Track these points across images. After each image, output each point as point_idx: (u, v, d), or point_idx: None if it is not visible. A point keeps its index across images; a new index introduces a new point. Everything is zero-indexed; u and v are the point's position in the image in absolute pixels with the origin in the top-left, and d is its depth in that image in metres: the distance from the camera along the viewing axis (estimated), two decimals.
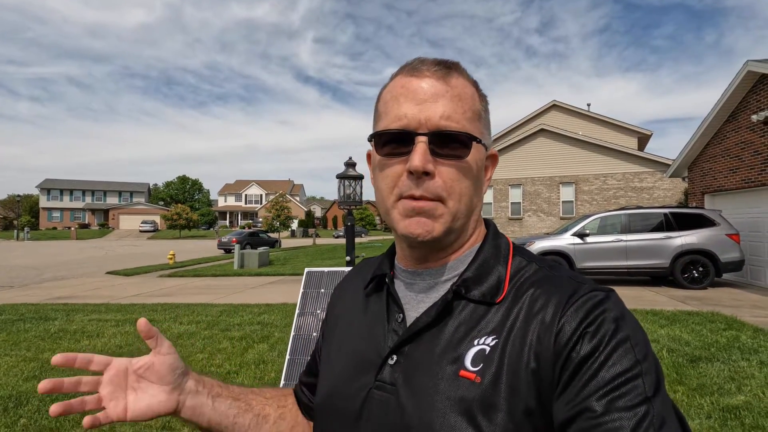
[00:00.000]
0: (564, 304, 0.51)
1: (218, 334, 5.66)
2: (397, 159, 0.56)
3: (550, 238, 10.04)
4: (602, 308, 0.50)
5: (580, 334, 0.49)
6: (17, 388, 3.83)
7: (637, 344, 0.48)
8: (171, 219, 45.77)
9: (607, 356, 0.47)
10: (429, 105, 0.54)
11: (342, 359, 0.64)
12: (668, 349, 4.71)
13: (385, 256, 0.69)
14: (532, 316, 0.52)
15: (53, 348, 5.16)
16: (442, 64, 0.57)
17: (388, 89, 0.59)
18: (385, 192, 0.57)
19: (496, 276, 0.57)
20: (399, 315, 0.60)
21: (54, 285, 11.50)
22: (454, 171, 0.55)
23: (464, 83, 0.58)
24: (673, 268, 9.10)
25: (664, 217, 9.47)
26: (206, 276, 13.10)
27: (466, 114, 0.56)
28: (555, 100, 24.75)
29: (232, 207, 68.31)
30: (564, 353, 0.48)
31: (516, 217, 21.89)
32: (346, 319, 0.69)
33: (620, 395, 0.45)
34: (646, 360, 0.47)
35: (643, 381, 0.46)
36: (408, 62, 0.60)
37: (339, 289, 0.78)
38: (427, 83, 0.55)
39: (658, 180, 18.95)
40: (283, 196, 37.12)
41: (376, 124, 0.60)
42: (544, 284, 0.55)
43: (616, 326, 0.49)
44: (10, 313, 7.32)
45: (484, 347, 0.52)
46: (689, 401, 3.42)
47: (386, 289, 0.64)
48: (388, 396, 0.55)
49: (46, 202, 64.67)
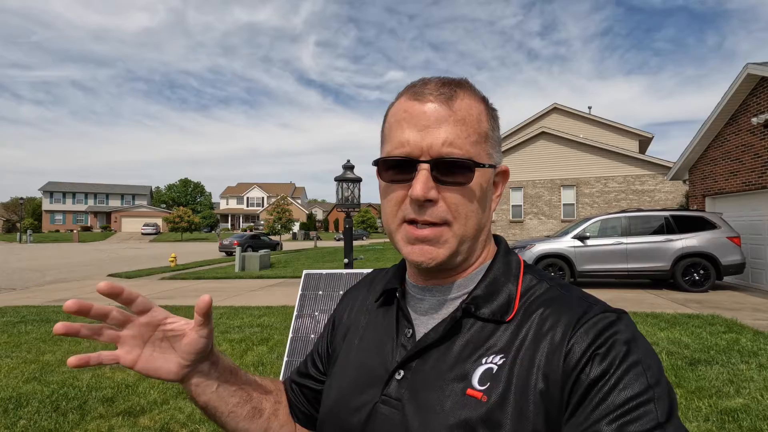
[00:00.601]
0: (574, 325, 0.50)
1: (218, 337, 5.68)
2: (400, 184, 0.56)
3: (551, 241, 10.03)
4: (613, 330, 0.49)
5: (590, 355, 0.48)
6: (17, 390, 3.85)
7: (650, 368, 0.47)
8: (173, 222, 45.90)
9: (618, 379, 0.46)
10: (431, 131, 0.53)
11: (349, 371, 0.64)
12: (667, 352, 4.70)
13: (396, 270, 0.68)
14: (541, 336, 0.51)
15: (54, 350, 5.18)
16: (446, 85, 0.56)
17: (392, 112, 0.59)
18: (390, 216, 0.58)
19: (506, 294, 0.57)
20: (408, 330, 0.60)
21: (56, 287, 11.54)
22: (458, 196, 0.55)
23: (469, 104, 0.56)
24: (673, 271, 9.09)
25: (665, 220, 9.46)
26: (207, 278, 13.13)
27: (470, 138, 0.55)
28: (556, 103, 24.79)
29: (234, 210, 68.45)
30: (573, 375, 0.47)
31: (517, 220, 21.89)
32: (354, 330, 0.69)
33: (631, 420, 0.44)
34: (659, 385, 0.46)
35: (655, 406, 0.44)
36: (413, 83, 0.59)
37: (349, 297, 0.77)
38: (429, 108, 0.54)
39: (659, 183, 18.94)
40: (284, 198, 37.19)
41: (381, 146, 0.60)
42: (554, 304, 0.54)
43: (628, 349, 0.48)
44: (11, 315, 7.35)
45: (492, 366, 0.52)
46: (687, 404, 3.41)
47: (396, 303, 0.64)
48: (393, 411, 0.55)
49: (49, 204, 64.93)
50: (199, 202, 76.19)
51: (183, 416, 3.29)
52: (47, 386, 3.94)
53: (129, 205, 67.14)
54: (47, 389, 3.86)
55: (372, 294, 0.71)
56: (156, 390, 3.81)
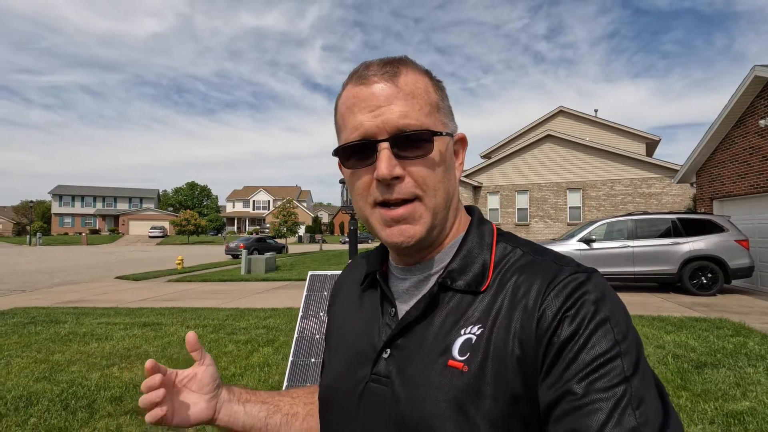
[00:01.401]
0: (545, 289, 0.52)
1: (224, 338, 5.73)
2: (364, 168, 0.56)
3: (556, 244, 9.99)
4: (582, 290, 0.50)
5: (561, 318, 0.49)
6: (28, 389, 3.92)
7: (617, 324, 0.49)
8: (180, 225, 46.24)
9: (587, 338, 0.47)
10: (383, 110, 0.54)
11: (341, 354, 0.66)
12: (674, 355, 4.68)
13: (378, 252, 0.70)
14: (516, 303, 0.53)
15: (63, 350, 5.25)
16: (388, 64, 0.57)
17: (341, 102, 0.59)
18: (360, 202, 0.58)
19: (480, 264, 0.58)
20: (391, 309, 0.62)
21: (64, 289, 11.68)
22: (423, 168, 0.55)
23: (414, 78, 0.57)
24: (681, 274, 9.01)
25: (672, 223, 9.39)
26: (213, 281, 13.21)
27: (423, 110, 0.56)
28: (562, 105, 24.70)
29: (240, 213, 68.79)
30: (546, 338, 0.49)
31: (523, 223, 21.80)
32: (344, 314, 0.71)
33: (599, 377, 0.45)
34: (626, 340, 0.48)
35: (621, 361, 0.46)
36: (355, 69, 0.59)
37: (338, 284, 0.80)
38: (377, 88, 0.55)
39: (667, 186, 18.80)
40: (290, 202, 37.34)
41: (338, 137, 0.61)
42: (527, 270, 0.55)
43: (596, 308, 0.49)
44: (22, 316, 7.46)
45: (470, 336, 0.53)
46: (693, 406, 3.40)
47: (379, 285, 0.65)
48: (383, 388, 0.57)
49: (58, 208, 65.67)
50: (206, 205, 76.68)
51: None
52: (57, 385, 4.00)
53: (136, 208, 67.74)
54: (57, 388, 3.92)
55: (356, 278, 0.73)
56: None
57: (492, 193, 22.63)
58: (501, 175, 22.41)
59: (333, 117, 0.62)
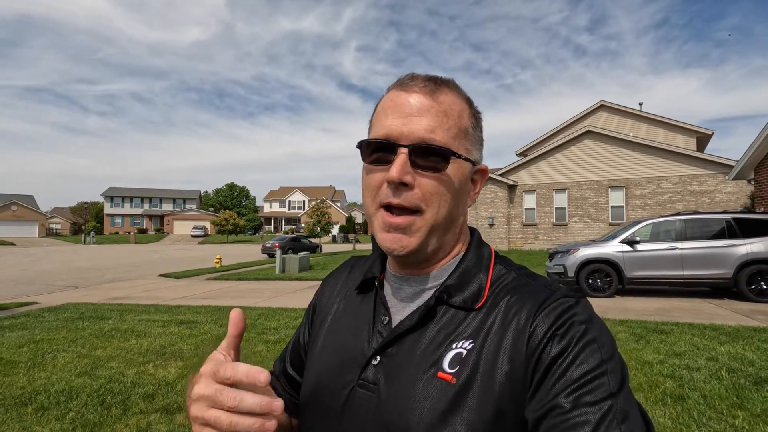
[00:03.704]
0: (536, 310, 0.54)
1: (255, 338, 5.82)
2: (380, 168, 0.58)
3: (597, 245, 9.50)
4: (571, 312, 0.53)
5: (550, 336, 0.51)
6: (70, 383, 4.11)
7: (604, 345, 0.51)
8: (219, 225, 47.97)
9: (575, 356, 0.49)
10: (413, 119, 0.57)
11: (328, 356, 0.66)
12: (728, 369, 4.28)
13: (377, 258, 0.70)
14: (507, 322, 0.55)
15: (105, 346, 5.50)
16: (432, 80, 0.60)
17: (381, 102, 0.62)
18: (368, 199, 0.60)
19: (477, 283, 0.60)
20: (385, 317, 0.62)
21: (112, 286, 12.35)
22: (434, 183, 0.57)
23: (453, 100, 0.59)
24: (736, 279, 8.33)
25: (727, 224, 8.70)
26: (249, 279, 13.56)
27: (451, 131, 0.58)
28: (603, 100, 23.60)
29: (277, 213, 70.59)
30: (535, 355, 0.51)
31: (561, 223, 21.01)
32: (334, 315, 0.70)
33: (587, 392, 0.47)
34: (612, 359, 0.50)
35: (608, 378, 0.48)
36: (402, 77, 0.62)
37: (328, 283, 0.78)
38: (414, 98, 0.58)
39: (720, 183, 17.52)
40: (323, 202, 37.87)
41: (368, 134, 0.63)
42: (519, 291, 0.58)
43: (585, 328, 0.51)
44: (72, 312, 7.92)
45: (461, 350, 0.55)
46: (751, 428, 3.07)
47: (375, 291, 0.66)
48: (370, 394, 0.57)
49: (110, 208, 69.97)
50: (244, 205, 79.20)
51: None
52: (96, 380, 4.18)
53: (180, 208, 71.00)
54: (96, 383, 4.09)
55: (351, 280, 0.73)
56: None
57: (528, 192, 21.94)
58: (538, 173, 21.69)
59: (369, 117, 0.65)
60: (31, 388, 4.00)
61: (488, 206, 22.20)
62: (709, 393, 3.69)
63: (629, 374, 0.52)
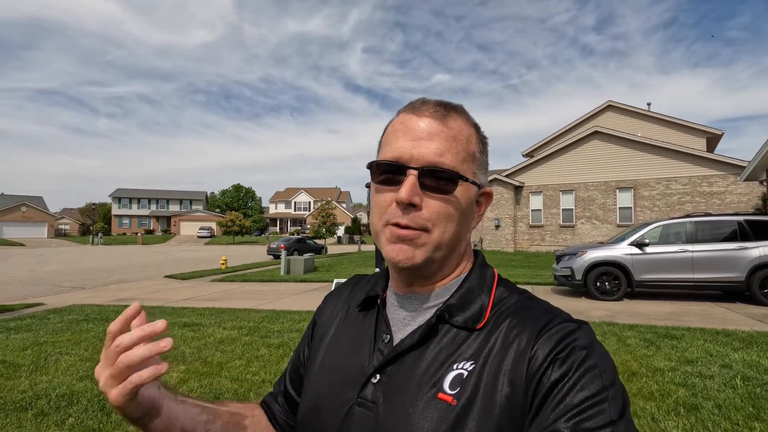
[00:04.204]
0: (538, 333, 0.54)
1: (257, 341, 5.76)
2: (389, 188, 0.59)
3: (605, 248, 9.36)
4: (573, 337, 0.53)
5: (551, 360, 0.51)
6: (71, 387, 4.08)
7: (605, 371, 0.51)
8: (226, 225, 48.20)
9: (576, 381, 0.49)
10: (423, 142, 0.58)
11: (327, 373, 0.66)
12: (743, 377, 4.15)
13: (380, 277, 0.72)
14: (508, 344, 0.55)
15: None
16: (442, 105, 0.61)
17: (391, 125, 0.63)
18: (376, 217, 0.61)
19: (479, 304, 0.60)
20: (386, 336, 0.63)
21: (118, 287, 12.38)
22: (441, 204, 0.58)
23: (461, 126, 0.61)
24: (749, 282, 8.16)
25: (738, 225, 8.53)
26: (254, 281, 13.53)
27: (459, 155, 0.59)
28: (610, 100, 23.35)
29: (282, 214, 70.76)
30: (536, 378, 0.51)
31: (568, 225, 20.81)
32: (335, 332, 0.71)
33: (587, 417, 0.47)
34: (613, 386, 0.50)
35: (609, 405, 0.48)
36: (413, 101, 0.64)
37: (329, 301, 0.79)
38: (425, 122, 0.59)
39: (731, 184, 17.24)
40: (329, 203, 37.91)
41: (377, 154, 0.64)
42: (521, 314, 0.58)
43: (586, 354, 0.51)
44: (77, 314, 7.92)
45: (462, 372, 0.55)
46: None
47: (377, 309, 0.67)
48: (368, 413, 0.57)
49: (118, 209, 70.57)
50: (250, 206, 79.53)
51: None
52: (97, 384, 4.13)
53: (187, 209, 71.43)
54: (97, 388, 4.05)
55: (353, 298, 0.73)
56: (195, 394, 3.89)
57: (535, 193, 21.76)
58: (544, 174, 21.50)
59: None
60: (32, 392, 3.97)
61: (494, 208, 22.04)
62: (723, 402, 3.57)
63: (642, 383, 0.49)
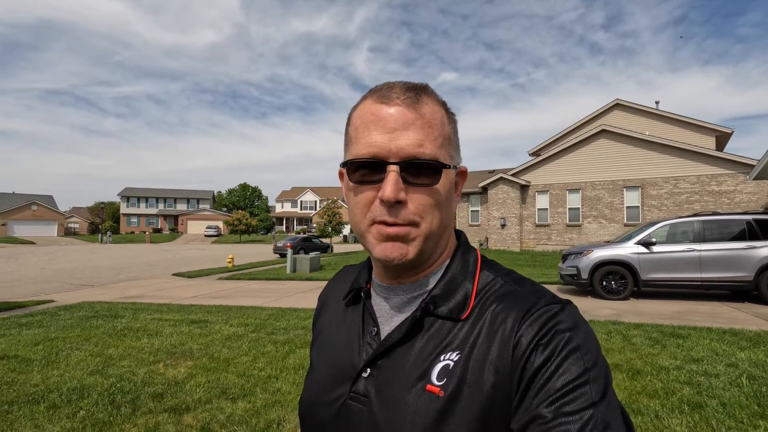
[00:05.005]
0: (521, 319, 0.54)
1: (264, 338, 5.82)
2: (369, 186, 0.57)
3: (611, 247, 9.31)
4: (556, 320, 0.53)
5: (534, 346, 0.51)
6: (81, 381, 4.16)
7: (587, 353, 0.51)
8: (232, 224, 48.47)
9: (558, 365, 0.49)
10: (399, 133, 0.55)
11: (322, 369, 0.67)
12: (749, 376, 4.13)
13: (363, 268, 0.71)
14: (493, 332, 0.55)
15: (117, 344, 5.57)
16: (411, 90, 0.58)
17: (357, 115, 0.59)
18: (359, 216, 0.59)
19: (462, 293, 0.60)
20: (373, 329, 0.63)
21: (127, 285, 12.54)
22: (425, 197, 0.57)
23: (433, 108, 0.58)
24: (758, 282, 8.08)
25: (747, 225, 8.44)
26: (260, 279, 13.64)
27: (437, 141, 0.57)
28: (618, 98, 23.16)
29: (289, 213, 71.03)
30: (520, 366, 0.51)
31: (574, 224, 20.69)
32: (326, 329, 0.72)
33: (568, 401, 0.47)
34: (595, 367, 0.50)
35: (590, 387, 0.48)
36: (377, 87, 0.60)
37: (323, 296, 0.80)
38: (396, 111, 0.56)
39: (740, 183, 17.05)
40: (335, 202, 37.98)
41: (347, 148, 0.61)
42: (505, 299, 0.57)
43: (569, 337, 0.51)
44: (87, 310, 8.05)
45: (449, 362, 0.55)
46: None
47: (362, 302, 0.66)
48: (361, 407, 0.58)
49: (126, 208, 71.29)
50: (257, 205, 79.93)
51: (223, 416, 3.36)
52: (107, 379, 4.22)
53: (194, 208, 71.99)
54: (107, 382, 4.13)
55: (339, 291, 0.74)
56: (202, 388, 3.95)
57: (541, 192, 21.65)
58: (551, 173, 21.39)
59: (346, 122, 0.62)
60: (44, 386, 4.05)
61: (500, 206, 21.98)
62: (728, 401, 3.56)
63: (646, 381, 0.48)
